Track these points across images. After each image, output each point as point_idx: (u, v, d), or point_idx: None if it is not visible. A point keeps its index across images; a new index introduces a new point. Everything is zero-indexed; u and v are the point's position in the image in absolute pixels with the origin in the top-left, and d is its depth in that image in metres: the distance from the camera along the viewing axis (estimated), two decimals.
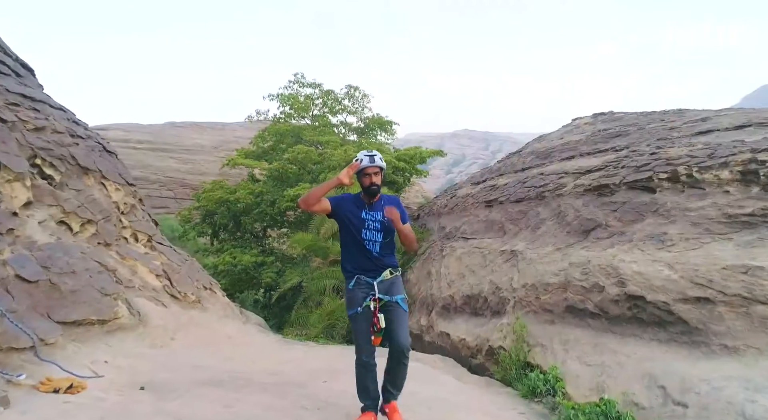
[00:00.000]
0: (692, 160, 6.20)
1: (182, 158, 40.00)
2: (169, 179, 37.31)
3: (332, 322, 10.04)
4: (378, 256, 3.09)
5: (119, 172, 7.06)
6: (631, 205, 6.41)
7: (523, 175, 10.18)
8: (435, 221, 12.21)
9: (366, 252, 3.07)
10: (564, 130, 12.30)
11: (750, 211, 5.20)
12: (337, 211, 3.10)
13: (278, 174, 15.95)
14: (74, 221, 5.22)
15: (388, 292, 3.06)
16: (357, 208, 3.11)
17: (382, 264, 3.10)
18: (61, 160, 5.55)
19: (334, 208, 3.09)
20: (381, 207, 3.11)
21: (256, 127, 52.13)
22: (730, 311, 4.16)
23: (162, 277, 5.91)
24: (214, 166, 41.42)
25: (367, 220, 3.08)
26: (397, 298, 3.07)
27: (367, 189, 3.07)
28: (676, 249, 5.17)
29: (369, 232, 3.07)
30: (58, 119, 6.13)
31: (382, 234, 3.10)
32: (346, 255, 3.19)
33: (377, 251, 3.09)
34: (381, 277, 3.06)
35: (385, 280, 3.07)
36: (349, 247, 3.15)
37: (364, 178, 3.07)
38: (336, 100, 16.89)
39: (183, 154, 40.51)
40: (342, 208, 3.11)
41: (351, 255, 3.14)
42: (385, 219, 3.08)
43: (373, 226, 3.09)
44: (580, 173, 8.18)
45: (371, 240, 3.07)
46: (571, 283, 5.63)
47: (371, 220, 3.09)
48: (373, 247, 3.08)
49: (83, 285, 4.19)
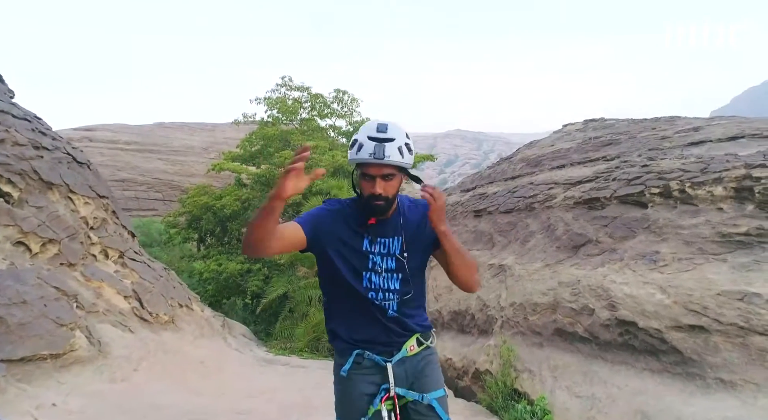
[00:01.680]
0: (685, 174, 5.99)
1: (171, 159, 39.51)
2: (157, 181, 36.82)
3: (317, 335, 9.77)
4: (396, 316, 1.79)
5: (90, 185, 6.72)
6: (622, 221, 6.19)
7: (513, 183, 9.96)
8: None
9: (373, 311, 1.78)
10: (555, 137, 12.11)
11: (745, 231, 4.99)
12: (319, 239, 1.72)
13: (265, 179, 15.64)
14: (33, 241, 4.90)
15: (415, 382, 1.80)
16: (353, 233, 1.77)
17: (402, 329, 1.81)
18: (21, 176, 5.22)
19: (312, 235, 1.70)
20: (398, 226, 1.78)
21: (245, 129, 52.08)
22: (726, 341, 3.94)
23: (131, 298, 5.60)
24: (204, 168, 40.90)
25: (373, 255, 1.78)
26: (432, 399, 1.77)
27: (367, 203, 1.72)
28: (668, 270, 4.95)
29: (377, 277, 1.77)
30: (20, 130, 5.79)
31: (399, 278, 1.79)
32: (336, 312, 1.88)
33: (395, 309, 1.79)
34: (401, 352, 1.80)
35: (408, 357, 1.81)
36: (341, 302, 1.84)
37: (362, 180, 1.71)
38: (325, 104, 16.60)
39: (171, 156, 40.01)
40: (326, 233, 1.74)
41: (344, 315, 1.84)
42: (402, 252, 1.77)
43: (384, 264, 1.78)
44: (571, 184, 7.97)
45: (383, 289, 1.78)
46: (560, 304, 5.40)
47: (381, 254, 1.78)
48: (388, 303, 1.78)
49: (35, 316, 3.88)
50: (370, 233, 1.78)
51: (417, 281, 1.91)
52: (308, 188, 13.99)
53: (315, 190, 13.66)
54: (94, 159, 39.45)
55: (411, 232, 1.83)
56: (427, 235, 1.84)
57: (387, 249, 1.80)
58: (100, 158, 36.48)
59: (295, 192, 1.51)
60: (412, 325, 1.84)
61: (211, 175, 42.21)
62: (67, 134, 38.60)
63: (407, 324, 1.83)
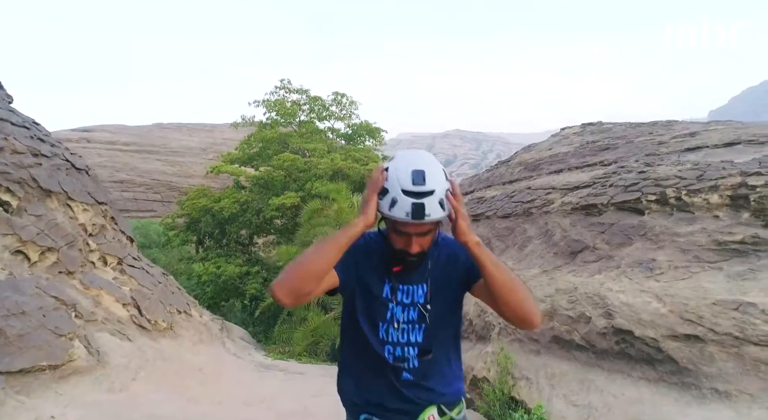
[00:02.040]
0: (681, 181, 6.02)
1: (169, 160, 39.50)
2: (155, 182, 36.82)
3: (316, 339, 9.80)
4: (412, 380, 1.50)
5: (88, 191, 6.73)
6: (619, 227, 6.22)
7: (511, 187, 9.99)
8: None
9: (386, 371, 1.51)
10: (553, 141, 12.13)
11: (740, 239, 5.02)
12: (349, 281, 1.50)
13: (264, 181, 15.67)
14: (32, 250, 4.91)
15: None
16: (375, 276, 1.52)
17: (420, 395, 1.50)
18: (20, 184, 5.23)
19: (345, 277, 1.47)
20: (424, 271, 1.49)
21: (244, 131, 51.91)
22: (721, 351, 3.96)
23: (130, 306, 5.61)
24: (202, 169, 40.88)
25: (393, 304, 1.51)
26: None
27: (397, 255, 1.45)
28: (664, 278, 4.98)
29: (395, 331, 1.51)
30: (19, 138, 5.80)
31: (422, 329, 1.50)
32: (348, 361, 1.62)
33: (415, 365, 1.50)
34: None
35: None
36: (355, 351, 1.58)
37: (393, 232, 1.43)
38: (323, 107, 16.63)
39: (170, 157, 40.01)
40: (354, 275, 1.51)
41: (356, 367, 1.58)
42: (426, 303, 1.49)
43: (406, 315, 1.51)
44: (568, 189, 8.00)
45: (401, 344, 1.51)
46: (557, 311, 5.43)
47: (402, 304, 1.51)
48: (406, 361, 1.51)
49: (34, 327, 3.89)
50: (392, 279, 1.51)
51: (445, 333, 1.55)
52: (307, 191, 14.02)
53: (314, 193, 13.68)
54: (92, 160, 39.47)
55: (438, 274, 1.51)
56: (458, 272, 1.51)
57: (410, 298, 1.51)
58: (98, 159, 36.48)
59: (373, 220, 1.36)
60: (432, 391, 1.50)
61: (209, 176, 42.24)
62: (65, 135, 38.63)
63: (427, 389, 1.49)
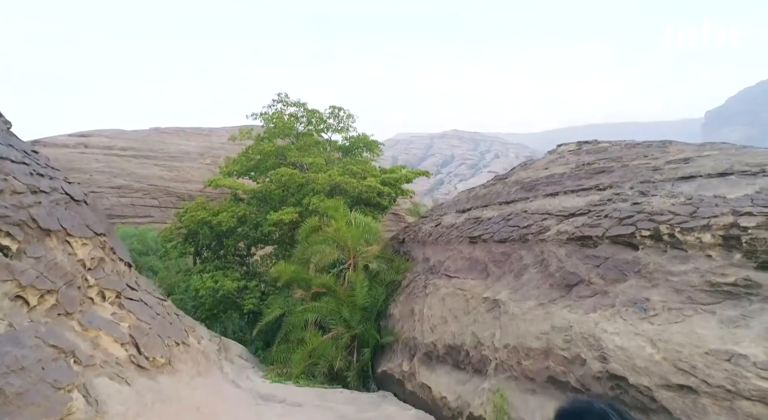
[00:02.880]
0: (675, 217, 6.09)
1: (167, 165, 39.44)
2: (153, 187, 36.75)
3: (314, 361, 9.84)
4: None
5: (87, 224, 6.75)
6: (614, 262, 6.28)
7: (508, 209, 10.04)
8: (420, 250, 12.03)
9: None
10: (549, 159, 12.20)
11: (732, 281, 5.09)
12: None
13: (262, 195, 15.69)
14: (31, 294, 4.93)
15: None
16: None
17: None
18: (20, 227, 5.24)
19: None
20: None
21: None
22: (714, 404, 4.02)
23: (128, 345, 5.64)
24: (200, 174, 40.89)
25: None
26: None
27: None
28: (658, 320, 5.05)
29: None
30: (18, 176, 5.81)
31: None
32: None
33: None
34: None
35: None
36: None
37: None
38: (321, 120, 16.66)
39: (168, 161, 39.94)
40: None
41: None
42: None
43: None
44: (564, 216, 8.06)
45: None
46: (553, 350, 5.48)
47: None
48: None
49: (33, 382, 3.92)
50: None
51: None
52: (305, 206, 14.04)
53: (312, 209, 13.71)
54: (90, 166, 39.01)
55: None
56: None
57: None
58: (95, 165, 36.39)
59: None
60: None
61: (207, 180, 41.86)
62: (63, 141, 38.49)
63: None
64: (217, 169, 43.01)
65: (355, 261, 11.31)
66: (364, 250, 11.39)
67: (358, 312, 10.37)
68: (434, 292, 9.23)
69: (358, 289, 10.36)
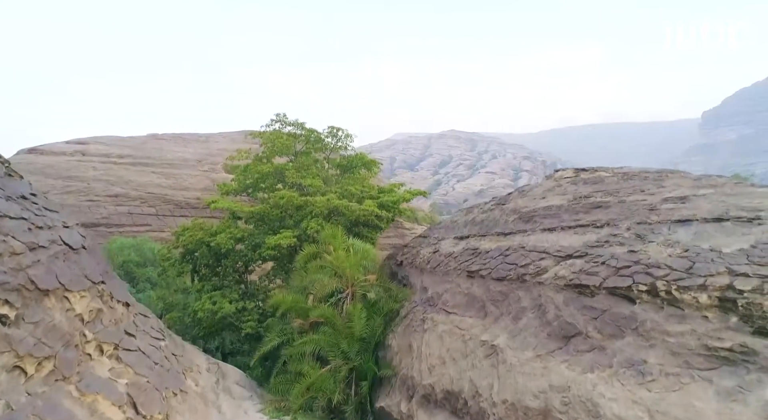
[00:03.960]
0: (671, 272, 6.13)
1: (164, 173, 39.32)
2: (150, 195, 36.66)
3: (312, 394, 9.86)
4: None
5: (86, 274, 6.76)
6: (611, 316, 6.32)
7: (506, 242, 10.07)
8: (418, 277, 12.06)
9: None
10: (546, 187, 12.23)
11: (729, 346, 5.14)
12: None
13: (260, 216, 15.69)
14: (29, 363, 4.94)
15: None
16: None
17: None
18: (19, 291, 5.24)
19: None
20: None
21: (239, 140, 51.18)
22: None
23: (126, 406, 5.65)
24: (198, 181, 40.78)
25: None
26: None
27: None
28: (656, 387, 5.09)
29: None
30: (17, 234, 5.81)
31: None
32: None
33: None
34: None
35: None
36: None
37: None
38: (319, 139, 16.68)
39: (165, 169, 39.83)
40: None
41: None
42: None
43: None
44: (561, 257, 8.09)
45: None
46: (551, 412, 5.52)
47: None
48: None
49: None
50: None
51: None
52: (302, 230, 14.05)
53: (309, 234, 13.73)
54: (88, 174, 38.70)
55: None
56: None
57: None
58: (93, 173, 36.26)
59: None
60: None
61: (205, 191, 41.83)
62: (60, 148, 38.31)
63: None
64: (214, 176, 42.88)
65: (353, 290, 11.33)
66: (362, 279, 11.40)
67: (356, 343, 10.39)
68: (432, 329, 9.26)
69: (356, 320, 10.38)
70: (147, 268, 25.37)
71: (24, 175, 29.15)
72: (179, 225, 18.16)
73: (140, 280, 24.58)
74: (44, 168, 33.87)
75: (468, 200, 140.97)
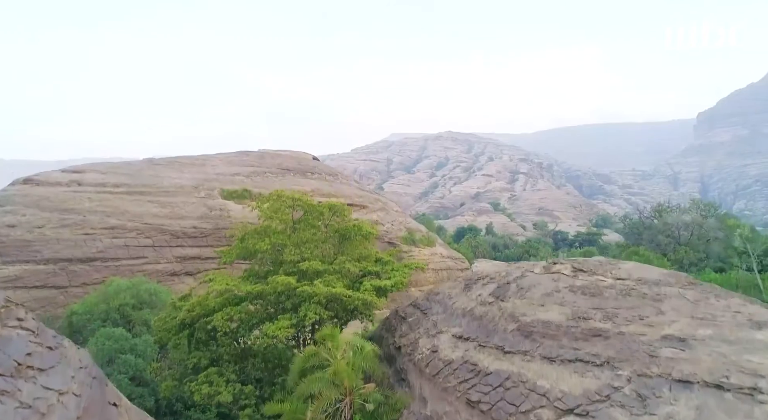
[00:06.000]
0: None
1: (160, 201, 39.07)
2: (147, 226, 36.45)
3: None
4: None
5: None
6: None
7: (506, 365, 10.10)
8: (417, 379, 12.09)
9: None
10: (544, 287, 12.17)
11: None
12: None
13: (258, 294, 15.68)
14: None
15: None
16: None
17: None
18: None
19: None
20: None
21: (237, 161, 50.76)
22: None
23: None
24: (194, 209, 40.58)
25: None
26: None
27: None
28: None
29: None
30: None
31: None
32: None
33: None
34: None
35: None
36: None
37: None
38: (320, 214, 16.69)
39: (161, 197, 39.60)
40: None
41: None
42: None
43: None
44: (561, 411, 8.14)
45: None
46: None
47: None
48: None
49: None
50: None
51: None
52: (301, 316, 14.02)
53: (307, 324, 13.74)
54: (83, 206, 38.44)
55: None
56: None
57: None
58: (88, 204, 35.96)
59: None
60: None
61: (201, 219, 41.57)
62: (56, 178, 38.02)
63: None
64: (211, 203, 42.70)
65: (351, 399, 11.33)
66: (360, 388, 11.41)
67: None
68: None
69: None
70: (143, 310, 25.31)
71: (19, 208, 30.42)
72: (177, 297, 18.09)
73: (137, 323, 24.56)
74: (39, 200, 33.50)
75: (465, 204, 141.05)
